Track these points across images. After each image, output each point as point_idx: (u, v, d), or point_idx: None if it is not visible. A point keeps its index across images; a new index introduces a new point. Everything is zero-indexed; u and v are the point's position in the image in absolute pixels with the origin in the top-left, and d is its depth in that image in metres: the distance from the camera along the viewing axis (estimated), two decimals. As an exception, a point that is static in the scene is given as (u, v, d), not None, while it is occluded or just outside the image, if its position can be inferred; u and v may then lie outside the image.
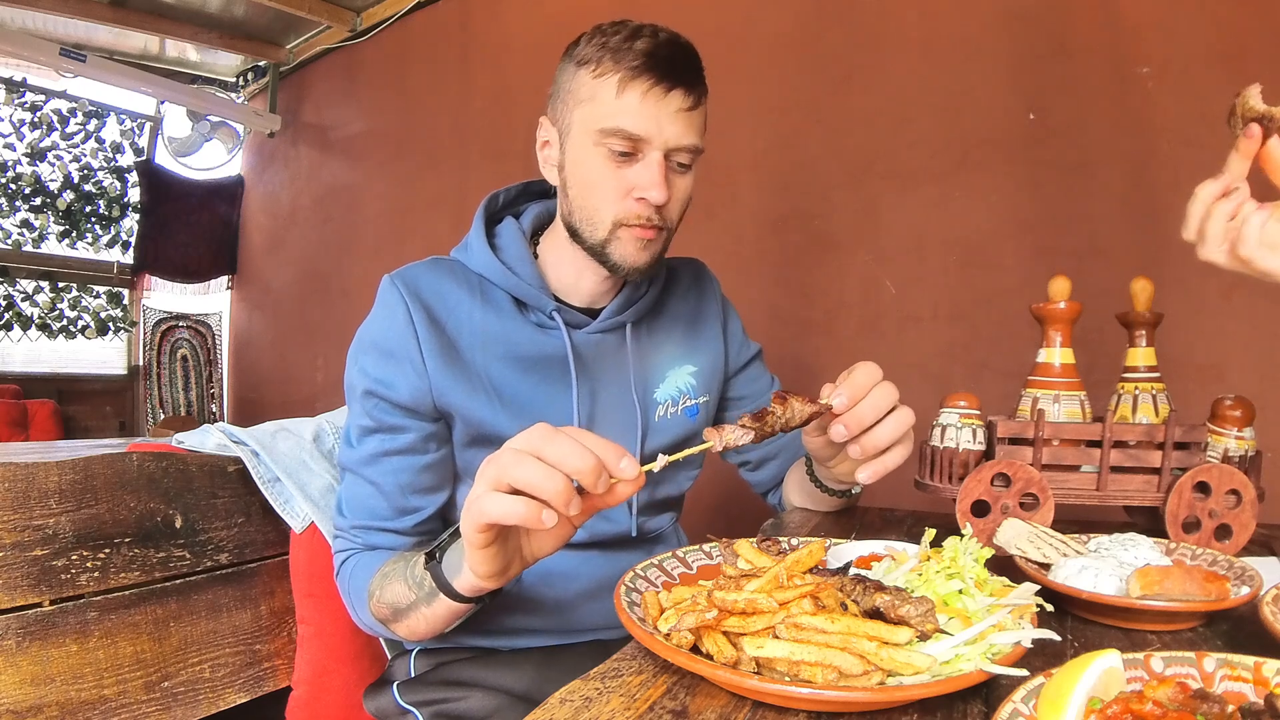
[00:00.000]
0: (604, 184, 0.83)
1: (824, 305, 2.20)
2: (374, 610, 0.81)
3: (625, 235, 0.85)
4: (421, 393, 0.85)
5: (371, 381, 0.86)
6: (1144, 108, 1.71)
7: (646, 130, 0.81)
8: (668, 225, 0.87)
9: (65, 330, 4.23)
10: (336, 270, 3.80)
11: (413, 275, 0.89)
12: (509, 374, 0.89)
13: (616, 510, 0.96)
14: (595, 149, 0.83)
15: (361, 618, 0.86)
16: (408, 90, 3.46)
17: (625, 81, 0.80)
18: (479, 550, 0.60)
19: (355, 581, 0.86)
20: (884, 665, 0.46)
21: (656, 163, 0.82)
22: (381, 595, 0.79)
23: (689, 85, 0.82)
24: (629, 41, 0.81)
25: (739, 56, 2.29)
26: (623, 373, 0.95)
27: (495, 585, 0.66)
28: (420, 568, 0.73)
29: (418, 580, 0.73)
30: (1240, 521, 0.81)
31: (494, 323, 0.90)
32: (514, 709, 0.84)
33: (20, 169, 4.07)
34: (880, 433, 0.70)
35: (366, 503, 0.88)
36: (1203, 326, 1.61)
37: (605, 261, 0.87)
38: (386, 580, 0.79)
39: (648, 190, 0.82)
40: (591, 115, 0.82)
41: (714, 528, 0.79)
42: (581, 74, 0.83)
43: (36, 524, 0.78)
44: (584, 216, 0.86)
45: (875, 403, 0.69)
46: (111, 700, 0.82)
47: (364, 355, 0.88)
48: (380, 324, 0.87)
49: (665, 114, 0.81)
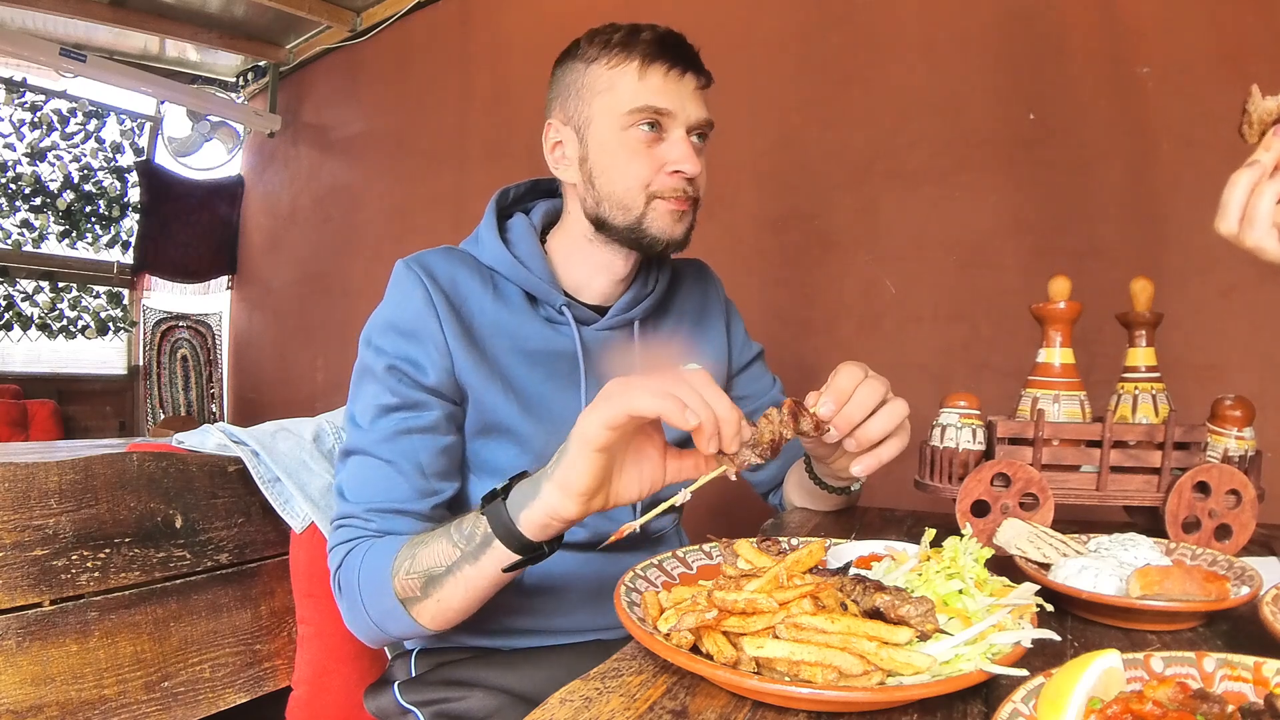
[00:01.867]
0: (636, 161, 0.87)
1: (824, 305, 2.20)
2: (400, 588, 0.75)
3: (661, 207, 0.88)
4: (445, 372, 0.85)
5: (394, 359, 0.85)
6: (1144, 108, 1.71)
7: (673, 105, 0.86)
8: (697, 198, 0.91)
9: (65, 330, 4.23)
10: (336, 270, 3.80)
11: (429, 260, 0.89)
12: (519, 367, 0.90)
13: (619, 510, 0.96)
14: (624, 132, 0.87)
15: (370, 611, 0.79)
16: (408, 90, 3.46)
17: (645, 65, 0.86)
18: (594, 452, 0.60)
19: (370, 564, 0.79)
20: (884, 665, 0.46)
21: (683, 138, 0.87)
22: (414, 564, 0.74)
23: (699, 68, 0.89)
24: (633, 35, 0.86)
25: (739, 57, 2.29)
26: (629, 369, 0.95)
27: (577, 513, 0.64)
28: (473, 518, 0.70)
29: (466, 533, 0.70)
30: (1240, 521, 0.81)
31: (505, 315, 0.90)
32: (515, 709, 0.84)
33: (20, 169, 4.07)
34: (872, 427, 0.70)
35: (382, 484, 0.83)
36: (1203, 326, 1.60)
37: (642, 239, 0.90)
38: (421, 546, 0.74)
39: (681, 163, 0.87)
40: (616, 101, 0.86)
41: (714, 528, 0.79)
42: (594, 69, 0.88)
43: (36, 524, 0.78)
44: (616, 200, 0.89)
45: (861, 401, 0.70)
46: (111, 700, 0.82)
47: (382, 337, 0.86)
48: (398, 306, 0.87)
49: (685, 92, 0.87)
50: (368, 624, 0.80)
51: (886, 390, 0.71)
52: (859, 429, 0.70)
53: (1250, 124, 0.68)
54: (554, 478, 0.64)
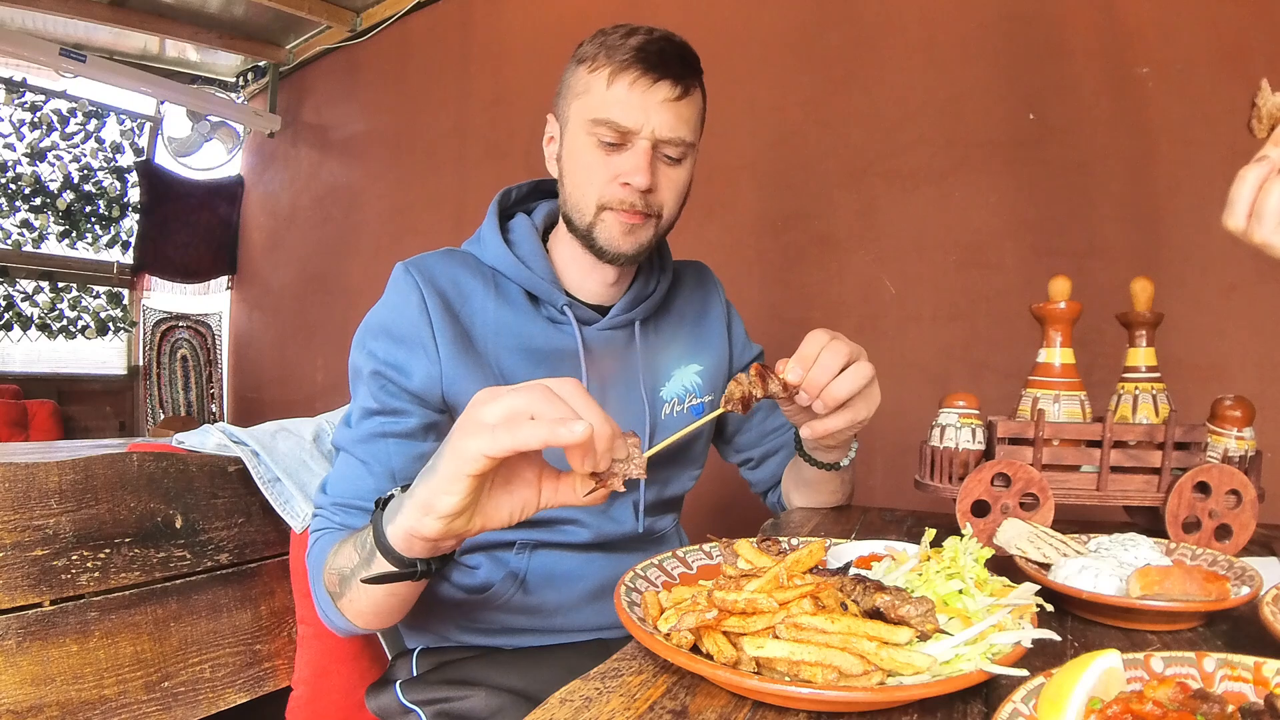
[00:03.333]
0: (591, 170, 0.87)
1: (824, 305, 2.20)
2: (327, 582, 0.77)
3: (609, 218, 0.88)
4: (433, 380, 0.85)
5: (381, 364, 0.85)
6: (1144, 108, 1.71)
7: (633, 120, 0.84)
8: (655, 213, 0.90)
9: (65, 330, 4.23)
10: (336, 270, 3.80)
11: (428, 263, 0.90)
12: (520, 366, 0.90)
13: (622, 510, 0.96)
14: (587, 138, 0.87)
15: (319, 599, 0.81)
16: (408, 90, 3.46)
17: (615, 74, 0.84)
18: (468, 478, 0.55)
19: (318, 555, 0.81)
20: (884, 665, 0.46)
21: (642, 151, 0.85)
22: (333, 561, 0.75)
23: (676, 76, 0.85)
24: (625, 39, 0.85)
25: (739, 56, 2.29)
26: (631, 370, 0.97)
27: (437, 534, 0.59)
28: (368, 525, 0.69)
29: (362, 539, 0.70)
30: (1240, 521, 0.81)
31: (507, 315, 0.91)
32: (516, 708, 0.84)
33: (20, 169, 4.07)
34: (838, 387, 0.75)
35: (353, 482, 0.85)
36: (1203, 326, 1.60)
37: (592, 246, 0.90)
38: (341, 545, 0.75)
39: (630, 175, 0.85)
40: (585, 106, 0.86)
41: (714, 528, 0.79)
42: (579, 70, 0.88)
43: (37, 524, 0.78)
44: (574, 203, 0.90)
45: (825, 364, 0.74)
46: (111, 700, 0.82)
47: (374, 340, 0.87)
48: (393, 310, 0.87)
49: (652, 104, 0.84)
50: (320, 611, 0.81)
51: (852, 353, 0.75)
52: (825, 390, 0.74)
53: (1259, 119, 0.67)
54: (416, 496, 0.59)
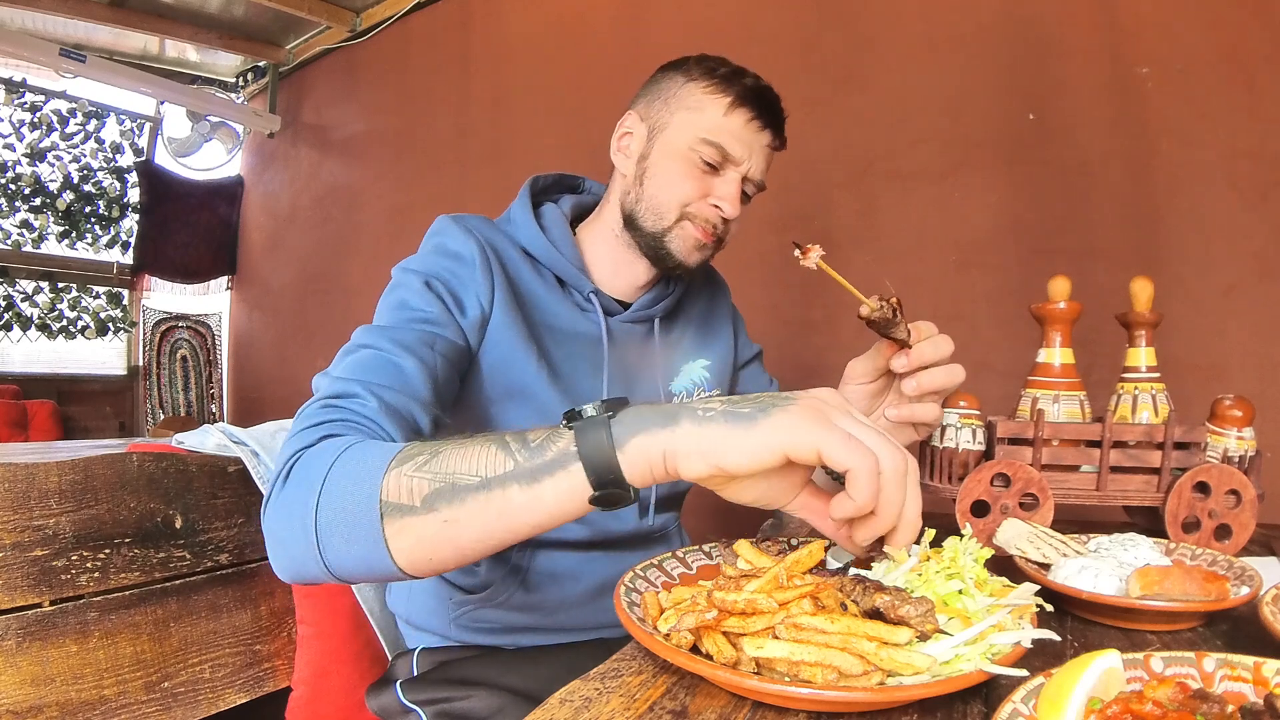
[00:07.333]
0: (687, 180, 0.90)
1: (824, 305, 2.20)
2: (392, 487, 0.55)
3: (688, 229, 0.91)
4: (480, 310, 0.85)
5: (436, 277, 0.83)
6: (1144, 108, 1.71)
7: (740, 153, 0.90)
8: (722, 238, 0.94)
9: (65, 331, 4.23)
10: (336, 270, 3.80)
11: (472, 221, 0.91)
12: (549, 339, 0.91)
13: (624, 509, 0.96)
14: (689, 152, 0.90)
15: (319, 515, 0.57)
16: (408, 90, 3.46)
17: (735, 105, 0.89)
18: (781, 456, 0.52)
19: (360, 453, 0.59)
20: (884, 665, 0.46)
21: (736, 180, 0.90)
22: (432, 463, 0.56)
23: (777, 129, 0.93)
24: (736, 75, 0.91)
25: (739, 57, 2.28)
26: (649, 362, 0.99)
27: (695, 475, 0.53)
28: (545, 431, 0.56)
29: (533, 446, 0.55)
30: (1240, 521, 0.81)
31: (540, 290, 0.93)
32: (517, 708, 0.84)
33: (20, 169, 4.07)
34: (936, 374, 0.75)
35: (395, 375, 0.71)
36: (1203, 326, 1.60)
37: (659, 250, 0.92)
38: (451, 445, 0.57)
39: (724, 201, 0.90)
40: (696, 122, 0.90)
41: (714, 528, 0.79)
42: (691, 86, 0.91)
43: (36, 524, 0.78)
44: (653, 205, 0.92)
45: (938, 345, 0.75)
46: (111, 700, 0.82)
47: (432, 255, 0.86)
48: (453, 238, 0.87)
49: (758, 145, 0.91)
50: (298, 535, 0.58)
51: (952, 350, 0.77)
52: (924, 373, 0.75)
53: None
54: (711, 428, 0.52)
